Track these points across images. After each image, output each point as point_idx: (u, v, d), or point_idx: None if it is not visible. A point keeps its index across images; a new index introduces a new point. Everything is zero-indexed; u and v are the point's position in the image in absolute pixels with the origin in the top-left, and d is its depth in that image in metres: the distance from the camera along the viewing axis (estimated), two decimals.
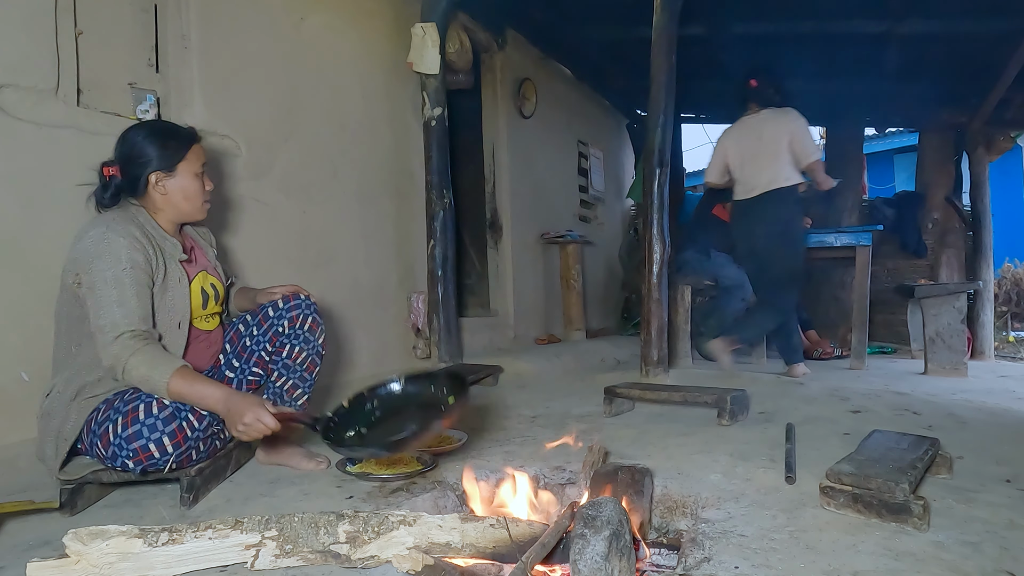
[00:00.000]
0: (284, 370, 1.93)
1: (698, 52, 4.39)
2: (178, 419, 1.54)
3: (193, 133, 1.80)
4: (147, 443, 1.51)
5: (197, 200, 1.77)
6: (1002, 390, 3.57)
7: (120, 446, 1.51)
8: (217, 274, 1.92)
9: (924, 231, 6.14)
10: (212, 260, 1.93)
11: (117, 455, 1.52)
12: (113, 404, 1.57)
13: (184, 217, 1.79)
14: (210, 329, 1.87)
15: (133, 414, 1.51)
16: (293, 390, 1.94)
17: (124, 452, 1.51)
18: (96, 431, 1.55)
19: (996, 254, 6.18)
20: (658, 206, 3.32)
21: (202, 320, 1.83)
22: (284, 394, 1.94)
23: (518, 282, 4.91)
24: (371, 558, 1.21)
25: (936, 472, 1.74)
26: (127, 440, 1.51)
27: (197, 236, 1.95)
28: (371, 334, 3.45)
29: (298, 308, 1.91)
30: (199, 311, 1.80)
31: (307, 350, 1.93)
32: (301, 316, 1.91)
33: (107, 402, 1.59)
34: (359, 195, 3.44)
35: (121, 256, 1.55)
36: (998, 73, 4.62)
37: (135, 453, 1.51)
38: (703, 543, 1.36)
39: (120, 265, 1.55)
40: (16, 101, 1.98)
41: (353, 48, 3.45)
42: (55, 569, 1.13)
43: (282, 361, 1.92)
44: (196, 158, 1.76)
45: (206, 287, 1.83)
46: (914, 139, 6.84)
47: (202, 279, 1.82)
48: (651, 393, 2.62)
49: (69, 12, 2.17)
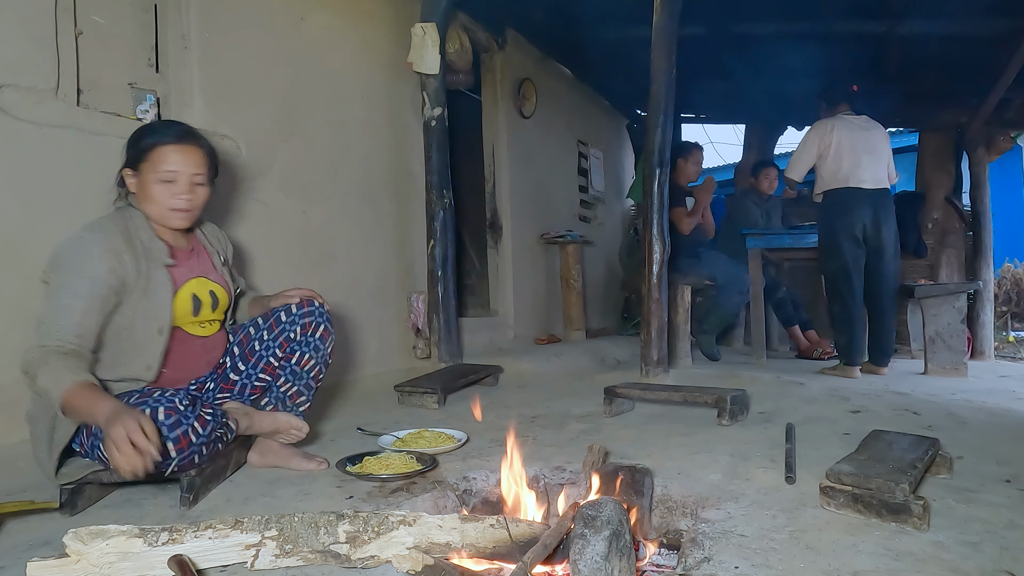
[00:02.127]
0: (291, 376, 1.95)
1: (698, 52, 4.38)
2: (184, 425, 1.53)
3: (168, 133, 1.68)
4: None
5: (158, 206, 1.67)
6: (1002, 390, 3.57)
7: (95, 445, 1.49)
8: (223, 281, 1.88)
9: (924, 231, 6.12)
10: (218, 266, 1.89)
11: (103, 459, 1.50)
12: None
13: (156, 221, 1.71)
14: (207, 335, 1.84)
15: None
16: (297, 396, 1.97)
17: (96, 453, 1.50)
18: (98, 434, 1.54)
19: (996, 254, 6.18)
20: (658, 206, 3.32)
21: (195, 325, 1.80)
22: (288, 399, 1.97)
23: (518, 282, 4.91)
24: (371, 558, 1.22)
25: (936, 472, 1.74)
26: (93, 448, 1.49)
27: (207, 240, 1.91)
28: (371, 334, 3.45)
29: (311, 315, 1.91)
30: (187, 318, 1.75)
31: (316, 358, 1.95)
32: (314, 324, 1.91)
33: None
34: (359, 195, 3.45)
35: (85, 265, 1.54)
36: (998, 73, 4.61)
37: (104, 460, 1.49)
38: (703, 543, 1.36)
39: (82, 272, 1.53)
40: (16, 101, 1.98)
41: (353, 48, 3.45)
42: (55, 569, 1.13)
43: (290, 367, 1.94)
44: (159, 160, 1.65)
45: (200, 293, 1.78)
46: (914, 139, 6.83)
47: (196, 285, 1.78)
48: (651, 393, 2.62)
49: (69, 12, 2.17)
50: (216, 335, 1.88)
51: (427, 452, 1.97)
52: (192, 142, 1.70)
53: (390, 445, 2.09)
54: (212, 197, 1.81)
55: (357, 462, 1.86)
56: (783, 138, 7.12)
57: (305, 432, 1.93)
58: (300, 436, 1.93)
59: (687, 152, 4.61)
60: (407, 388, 2.91)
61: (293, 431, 1.91)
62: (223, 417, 1.73)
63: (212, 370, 1.90)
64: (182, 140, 1.68)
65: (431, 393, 2.86)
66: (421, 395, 2.87)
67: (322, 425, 2.44)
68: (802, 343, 4.84)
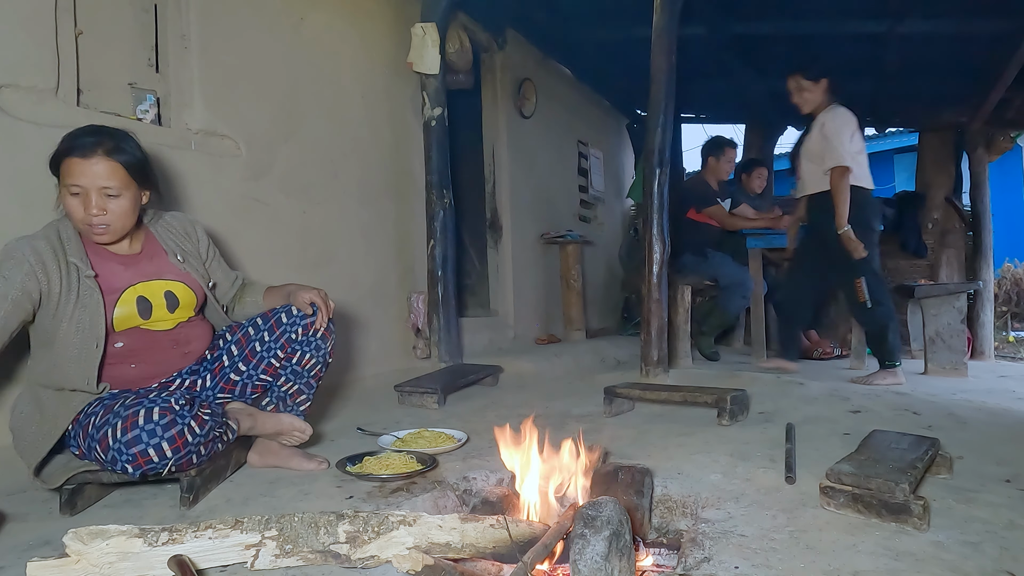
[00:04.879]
0: (292, 376, 1.96)
1: (698, 52, 4.38)
2: (179, 424, 1.53)
3: (75, 144, 1.58)
4: (146, 448, 1.49)
5: (75, 220, 1.62)
6: (1002, 390, 3.57)
7: (120, 450, 1.50)
8: (187, 278, 1.82)
9: (924, 231, 6.13)
10: (177, 264, 1.82)
11: (117, 459, 1.51)
12: (112, 408, 1.56)
13: (82, 234, 1.66)
14: (169, 327, 1.77)
15: (133, 419, 1.50)
16: (298, 395, 1.99)
17: (124, 456, 1.50)
18: (95, 435, 1.55)
19: (996, 254, 6.18)
20: (658, 206, 3.32)
21: (158, 322, 1.75)
22: (288, 398, 1.98)
23: (518, 282, 4.91)
24: (371, 558, 1.22)
25: (936, 472, 1.74)
26: (127, 445, 1.49)
27: (164, 238, 1.85)
28: (371, 334, 3.45)
29: (314, 317, 1.92)
30: (134, 321, 1.69)
31: (316, 357, 1.96)
32: (315, 324, 1.93)
33: (106, 406, 1.59)
34: (359, 195, 3.45)
35: (3, 265, 1.55)
36: (998, 73, 4.61)
37: (134, 458, 1.50)
38: (703, 543, 1.36)
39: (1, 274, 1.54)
40: (16, 101, 1.98)
41: (353, 48, 3.45)
42: (55, 569, 1.13)
43: (291, 367, 1.95)
44: (67, 172, 1.58)
45: (150, 295, 1.72)
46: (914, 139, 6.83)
47: (144, 288, 1.72)
48: (651, 393, 2.62)
49: (69, 12, 2.17)
50: (185, 328, 1.82)
51: (427, 452, 1.97)
52: (99, 153, 1.58)
53: (390, 445, 2.09)
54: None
55: (357, 462, 1.86)
56: (783, 138, 7.12)
57: (308, 434, 1.94)
58: (303, 438, 1.93)
59: (720, 150, 4.56)
60: (407, 388, 2.91)
61: (296, 433, 1.92)
62: (223, 417, 1.73)
63: (197, 363, 1.88)
64: (87, 152, 1.57)
65: (431, 393, 2.86)
66: (421, 395, 2.87)
67: (322, 425, 2.44)
68: (802, 343, 4.84)
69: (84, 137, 1.60)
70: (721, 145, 4.59)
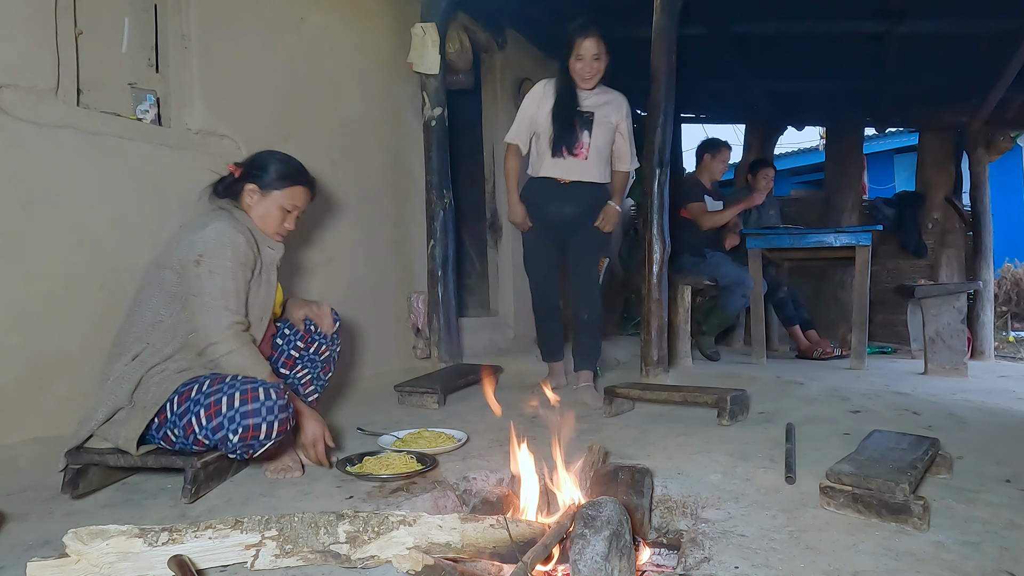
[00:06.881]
0: (308, 363, 2.19)
1: (698, 52, 4.38)
2: (288, 411, 1.67)
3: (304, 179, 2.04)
4: (261, 422, 1.60)
5: (268, 226, 1.98)
6: (1002, 390, 3.57)
7: (232, 418, 1.59)
8: None
9: (924, 231, 6.14)
10: None
11: (224, 427, 1.59)
12: (224, 379, 1.67)
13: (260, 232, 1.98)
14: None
15: (253, 393, 1.61)
16: (309, 384, 2.19)
17: (234, 425, 1.59)
18: (200, 400, 1.63)
19: (996, 254, 6.17)
20: (658, 206, 3.32)
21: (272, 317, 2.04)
22: (300, 386, 2.16)
23: (518, 282, 4.90)
24: (371, 558, 1.22)
25: (936, 472, 1.74)
26: (243, 415, 1.59)
27: None
28: (371, 334, 3.45)
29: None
30: (277, 309, 2.03)
31: (330, 348, 2.21)
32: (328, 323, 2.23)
33: (213, 378, 1.69)
34: (359, 195, 3.44)
35: (239, 251, 1.80)
36: (998, 73, 4.61)
37: (246, 429, 1.59)
38: (703, 543, 1.36)
39: (238, 259, 1.80)
40: (16, 101, 1.98)
41: (353, 48, 3.45)
42: (55, 569, 1.13)
43: (308, 355, 2.19)
44: (294, 196, 1.99)
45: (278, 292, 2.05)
46: (914, 139, 6.83)
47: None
48: (651, 393, 2.62)
49: (69, 12, 2.17)
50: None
51: (427, 452, 1.97)
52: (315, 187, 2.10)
53: (390, 445, 2.09)
54: None
55: (357, 462, 1.86)
56: (783, 138, 7.11)
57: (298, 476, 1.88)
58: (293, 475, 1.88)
59: (716, 149, 4.57)
60: (407, 388, 2.91)
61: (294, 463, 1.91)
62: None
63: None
64: (313, 189, 2.07)
65: (431, 393, 2.86)
66: (421, 395, 2.87)
67: None
68: (802, 343, 4.83)
69: (310, 174, 2.07)
70: (718, 144, 4.60)
